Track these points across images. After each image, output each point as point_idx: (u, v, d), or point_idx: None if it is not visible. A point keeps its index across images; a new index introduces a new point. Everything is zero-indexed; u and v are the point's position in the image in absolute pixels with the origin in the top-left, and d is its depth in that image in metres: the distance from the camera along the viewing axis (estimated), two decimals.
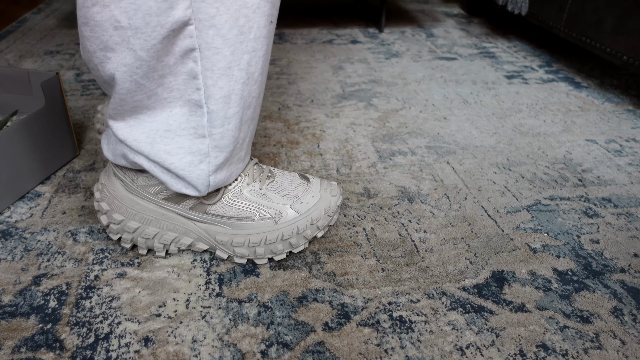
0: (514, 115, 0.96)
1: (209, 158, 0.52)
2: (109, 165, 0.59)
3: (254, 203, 0.57)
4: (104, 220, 0.58)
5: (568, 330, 0.51)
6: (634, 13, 0.94)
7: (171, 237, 0.57)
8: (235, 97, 0.50)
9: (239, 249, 0.57)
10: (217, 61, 0.47)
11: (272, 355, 0.48)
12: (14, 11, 1.61)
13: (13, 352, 0.47)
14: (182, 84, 0.48)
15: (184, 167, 0.51)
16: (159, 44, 0.44)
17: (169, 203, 0.56)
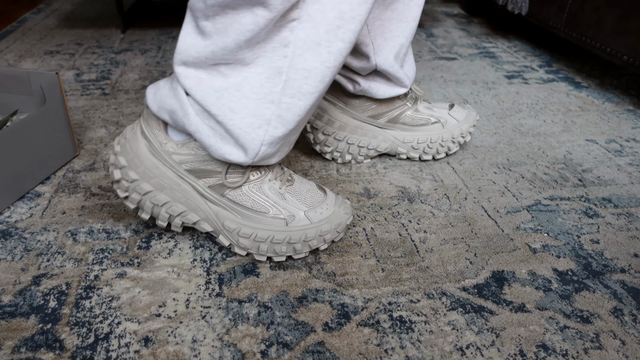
0: (514, 115, 0.96)
1: (269, 127, 0.52)
2: (139, 122, 0.58)
3: (271, 200, 0.57)
4: (117, 175, 0.57)
5: (568, 330, 0.51)
6: (634, 13, 0.94)
7: (179, 209, 0.57)
8: (314, 76, 0.50)
9: (243, 240, 0.57)
10: (311, 34, 0.48)
11: (272, 355, 0.48)
12: (14, 11, 1.61)
13: (13, 352, 0.47)
14: (270, 50, 0.49)
15: (242, 127, 0.51)
16: (279, 14, 0.46)
17: (190, 176, 0.56)
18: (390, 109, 0.77)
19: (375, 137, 0.78)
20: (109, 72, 1.14)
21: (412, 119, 0.78)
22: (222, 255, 0.60)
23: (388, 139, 0.78)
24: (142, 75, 1.12)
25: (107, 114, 0.94)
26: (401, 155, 0.79)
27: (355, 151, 0.77)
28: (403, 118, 0.78)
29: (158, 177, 0.56)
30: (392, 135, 0.78)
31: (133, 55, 1.25)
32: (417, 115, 0.78)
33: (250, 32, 0.47)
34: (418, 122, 0.78)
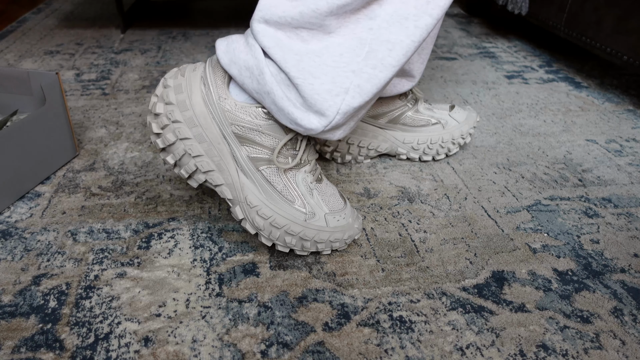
0: (514, 115, 0.96)
1: (347, 95, 0.51)
2: (203, 66, 0.56)
3: (300, 191, 0.57)
4: (159, 108, 0.55)
5: (568, 330, 0.51)
6: (634, 13, 0.94)
7: (208, 167, 0.56)
8: (398, 49, 0.50)
9: (259, 219, 0.56)
10: (399, 9, 0.48)
11: (272, 355, 0.48)
12: (14, 11, 1.61)
13: (13, 352, 0.47)
14: (354, 22, 0.49)
15: (320, 92, 0.51)
16: None
17: (235, 140, 0.55)
18: (391, 109, 0.77)
19: (375, 138, 0.78)
20: (109, 72, 1.14)
21: (413, 120, 0.78)
22: (222, 255, 0.60)
23: (388, 139, 0.78)
24: (142, 75, 1.12)
25: (107, 114, 0.94)
26: (401, 155, 0.79)
27: (356, 151, 0.77)
28: (403, 119, 0.78)
29: (202, 127, 0.54)
30: (392, 136, 0.78)
31: (133, 55, 1.25)
32: (418, 116, 0.78)
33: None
34: (418, 123, 0.78)
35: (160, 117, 0.55)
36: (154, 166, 0.77)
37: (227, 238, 0.63)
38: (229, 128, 0.55)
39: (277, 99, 0.52)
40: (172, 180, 0.74)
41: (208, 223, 0.65)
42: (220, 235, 0.63)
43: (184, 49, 1.29)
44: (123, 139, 0.85)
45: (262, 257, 0.60)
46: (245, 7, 1.71)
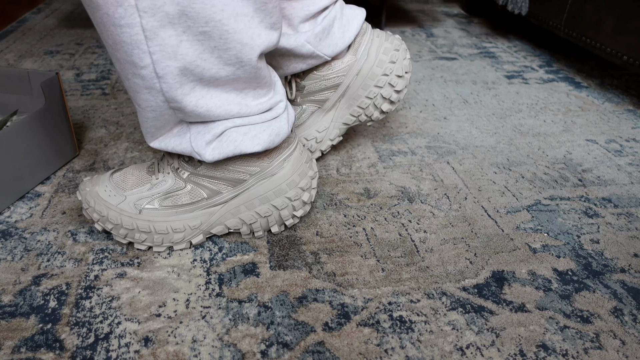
0: (514, 115, 0.96)
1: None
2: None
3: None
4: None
5: (568, 330, 0.51)
6: (634, 13, 0.94)
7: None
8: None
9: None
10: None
11: (272, 355, 0.48)
12: (14, 11, 1.61)
13: (13, 352, 0.47)
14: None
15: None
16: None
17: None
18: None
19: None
20: (109, 72, 1.14)
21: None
22: (222, 255, 0.60)
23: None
24: None
25: (107, 114, 0.94)
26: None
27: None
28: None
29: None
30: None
31: None
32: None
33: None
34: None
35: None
36: None
37: (227, 238, 0.63)
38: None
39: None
40: None
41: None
42: (220, 235, 0.63)
43: None
44: (123, 139, 0.85)
45: (262, 257, 0.60)
46: None
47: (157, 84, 0.50)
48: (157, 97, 0.51)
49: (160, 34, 0.47)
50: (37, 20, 1.52)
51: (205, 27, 0.47)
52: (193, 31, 0.47)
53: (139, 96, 0.52)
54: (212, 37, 0.48)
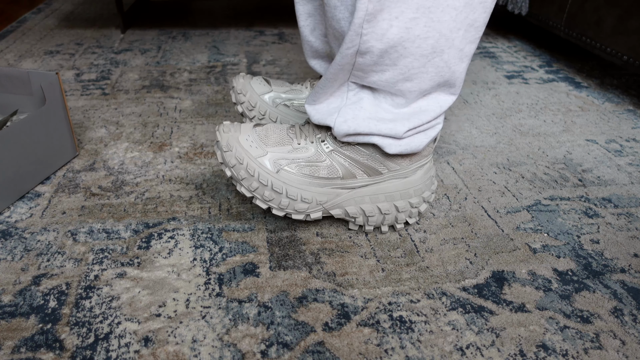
0: (514, 115, 0.96)
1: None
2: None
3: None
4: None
5: (568, 330, 0.51)
6: (634, 13, 0.94)
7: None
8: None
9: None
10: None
11: (272, 355, 0.48)
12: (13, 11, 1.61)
13: (13, 352, 0.47)
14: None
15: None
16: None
17: None
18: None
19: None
20: (109, 72, 1.14)
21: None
22: (222, 255, 0.60)
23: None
24: (142, 75, 1.12)
25: (107, 114, 0.94)
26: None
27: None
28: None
29: None
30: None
31: (133, 55, 1.25)
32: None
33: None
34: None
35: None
36: (154, 166, 0.78)
37: (227, 238, 0.63)
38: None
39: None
40: (172, 181, 0.74)
41: (208, 223, 0.65)
42: (220, 235, 0.63)
43: (184, 49, 1.29)
44: (123, 139, 0.85)
45: (262, 257, 0.60)
46: (245, 7, 1.71)
47: (354, 59, 0.53)
48: (347, 70, 0.54)
49: (377, 17, 0.49)
50: (37, 20, 1.52)
51: (415, 14, 0.49)
52: (404, 17, 0.49)
53: (331, 70, 0.54)
54: (418, 24, 0.50)
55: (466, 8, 0.51)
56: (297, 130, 0.62)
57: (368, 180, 0.60)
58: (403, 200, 0.61)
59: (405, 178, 0.61)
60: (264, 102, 0.73)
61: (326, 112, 0.59)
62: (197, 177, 0.75)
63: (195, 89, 1.05)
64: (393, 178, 0.61)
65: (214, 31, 1.44)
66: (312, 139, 0.61)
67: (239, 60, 1.21)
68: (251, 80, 0.76)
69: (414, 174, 0.61)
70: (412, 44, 0.51)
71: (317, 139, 0.61)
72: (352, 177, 0.60)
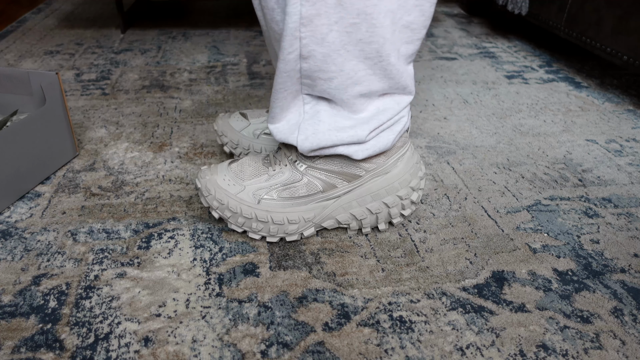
0: (514, 115, 0.96)
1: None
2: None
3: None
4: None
5: (568, 330, 0.51)
6: (634, 13, 0.94)
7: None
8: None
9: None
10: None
11: (272, 355, 0.48)
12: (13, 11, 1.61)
13: (13, 352, 0.47)
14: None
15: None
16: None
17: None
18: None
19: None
20: (109, 72, 1.14)
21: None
22: (222, 255, 0.60)
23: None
24: (142, 75, 1.12)
25: (107, 114, 0.94)
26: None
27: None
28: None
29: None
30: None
31: (133, 55, 1.25)
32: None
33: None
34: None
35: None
36: (154, 166, 0.78)
37: (227, 238, 0.63)
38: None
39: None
40: (172, 181, 0.74)
41: (208, 223, 0.65)
42: (220, 235, 0.63)
43: (184, 49, 1.29)
44: (123, 139, 0.85)
45: (262, 257, 0.60)
46: (245, 7, 1.71)
47: (298, 65, 0.53)
48: (294, 77, 0.54)
49: (315, 21, 0.49)
50: (37, 20, 1.52)
51: (355, 20, 0.49)
52: (344, 22, 0.50)
53: (277, 79, 0.55)
54: (360, 29, 0.50)
55: (400, 10, 0.51)
56: (271, 158, 0.63)
57: (349, 187, 0.60)
58: (390, 195, 0.61)
59: (387, 174, 0.61)
60: (245, 137, 0.74)
61: (287, 131, 0.59)
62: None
63: (195, 89, 1.05)
64: (374, 177, 0.60)
65: (214, 31, 1.44)
66: (285, 162, 0.61)
67: (239, 60, 1.21)
68: (229, 118, 0.77)
69: (395, 168, 0.61)
70: (354, 47, 0.51)
71: (290, 161, 0.61)
72: (332, 188, 0.60)
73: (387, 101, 0.58)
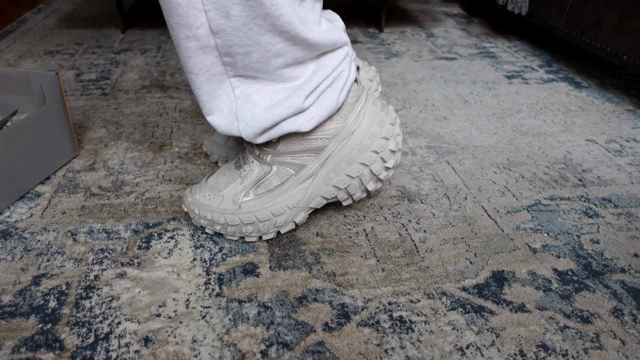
0: (514, 115, 0.96)
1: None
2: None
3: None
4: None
5: (568, 330, 0.51)
6: (634, 13, 0.94)
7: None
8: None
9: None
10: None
11: (272, 355, 0.48)
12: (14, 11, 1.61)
13: (13, 352, 0.47)
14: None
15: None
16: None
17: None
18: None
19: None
20: (109, 72, 1.14)
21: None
22: (222, 255, 0.60)
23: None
24: (142, 75, 1.12)
25: (107, 114, 0.94)
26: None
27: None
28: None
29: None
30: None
31: (133, 55, 1.25)
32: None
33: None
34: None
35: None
36: (154, 166, 0.78)
37: (227, 238, 0.63)
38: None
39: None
40: (172, 181, 0.74)
41: None
42: (220, 235, 0.63)
43: None
44: (123, 139, 0.85)
45: (262, 257, 0.60)
46: None
47: (212, 41, 0.51)
48: (212, 54, 0.52)
49: None
50: (37, 20, 1.52)
51: None
52: None
53: (191, 61, 0.52)
54: (263, 4, 0.48)
55: None
56: (240, 160, 0.62)
57: (320, 160, 0.59)
58: (365, 153, 0.59)
59: (353, 133, 0.58)
60: (231, 148, 0.75)
61: (226, 122, 0.57)
62: (197, 177, 0.75)
63: None
64: (340, 142, 0.58)
65: None
66: (251, 159, 0.61)
67: None
68: (213, 135, 0.77)
69: (359, 125, 0.58)
70: (264, 21, 0.50)
71: (255, 156, 0.60)
72: (303, 168, 0.59)
73: (320, 61, 0.56)
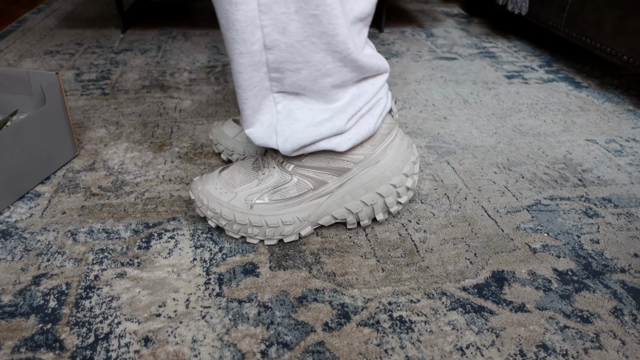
0: (514, 115, 0.96)
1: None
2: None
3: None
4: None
5: (568, 330, 0.51)
6: (634, 13, 0.94)
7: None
8: None
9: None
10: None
11: (272, 355, 0.48)
12: (13, 11, 1.61)
13: (13, 352, 0.47)
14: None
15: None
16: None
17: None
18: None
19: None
20: (109, 72, 1.14)
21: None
22: (222, 255, 0.60)
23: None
24: (142, 75, 1.12)
25: (107, 114, 0.94)
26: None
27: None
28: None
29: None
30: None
31: (133, 55, 1.25)
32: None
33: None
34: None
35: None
36: (154, 166, 0.78)
37: (227, 238, 0.63)
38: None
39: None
40: (172, 181, 0.74)
41: (208, 223, 0.65)
42: (220, 235, 0.63)
43: (184, 49, 1.29)
44: (123, 139, 0.85)
45: (262, 257, 0.60)
46: None
47: (264, 56, 0.51)
48: (261, 70, 0.52)
49: (274, 9, 0.48)
50: (37, 20, 1.52)
51: (315, 11, 0.48)
52: (304, 13, 0.48)
53: (242, 76, 0.53)
54: (321, 22, 0.49)
55: (349, 1, 0.51)
56: (260, 162, 0.62)
57: (340, 181, 0.60)
58: (383, 185, 0.60)
59: (377, 163, 0.60)
60: (239, 143, 0.75)
61: (264, 135, 0.57)
62: (197, 177, 0.75)
63: (195, 89, 1.05)
64: (364, 169, 0.60)
65: (214, 31, 1.44)
66: (273, 165, 0.61)
67: None
68: (223, 126, 0.77)
69: (385, 156, 0.60)
70: (319, 39, 0.50)
71: (277, 163, 0.61)
72: (323, 185, 0.60)
73: (361, 85, 0.57)
